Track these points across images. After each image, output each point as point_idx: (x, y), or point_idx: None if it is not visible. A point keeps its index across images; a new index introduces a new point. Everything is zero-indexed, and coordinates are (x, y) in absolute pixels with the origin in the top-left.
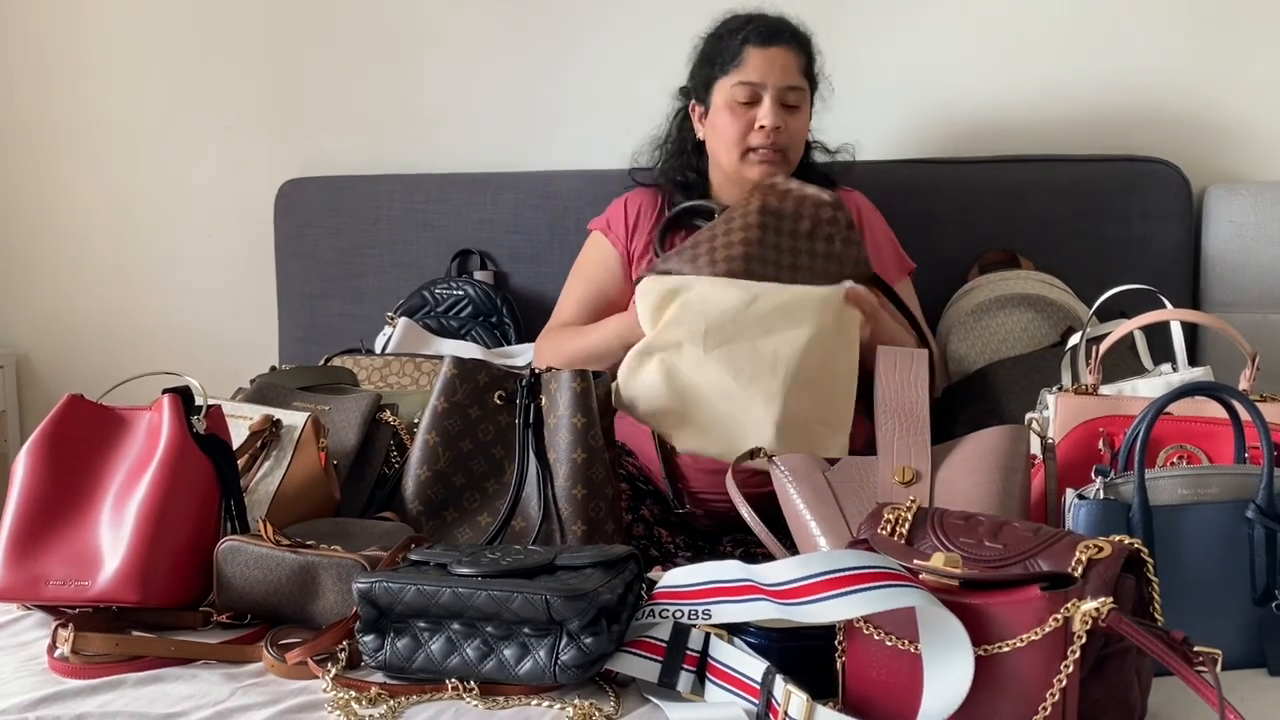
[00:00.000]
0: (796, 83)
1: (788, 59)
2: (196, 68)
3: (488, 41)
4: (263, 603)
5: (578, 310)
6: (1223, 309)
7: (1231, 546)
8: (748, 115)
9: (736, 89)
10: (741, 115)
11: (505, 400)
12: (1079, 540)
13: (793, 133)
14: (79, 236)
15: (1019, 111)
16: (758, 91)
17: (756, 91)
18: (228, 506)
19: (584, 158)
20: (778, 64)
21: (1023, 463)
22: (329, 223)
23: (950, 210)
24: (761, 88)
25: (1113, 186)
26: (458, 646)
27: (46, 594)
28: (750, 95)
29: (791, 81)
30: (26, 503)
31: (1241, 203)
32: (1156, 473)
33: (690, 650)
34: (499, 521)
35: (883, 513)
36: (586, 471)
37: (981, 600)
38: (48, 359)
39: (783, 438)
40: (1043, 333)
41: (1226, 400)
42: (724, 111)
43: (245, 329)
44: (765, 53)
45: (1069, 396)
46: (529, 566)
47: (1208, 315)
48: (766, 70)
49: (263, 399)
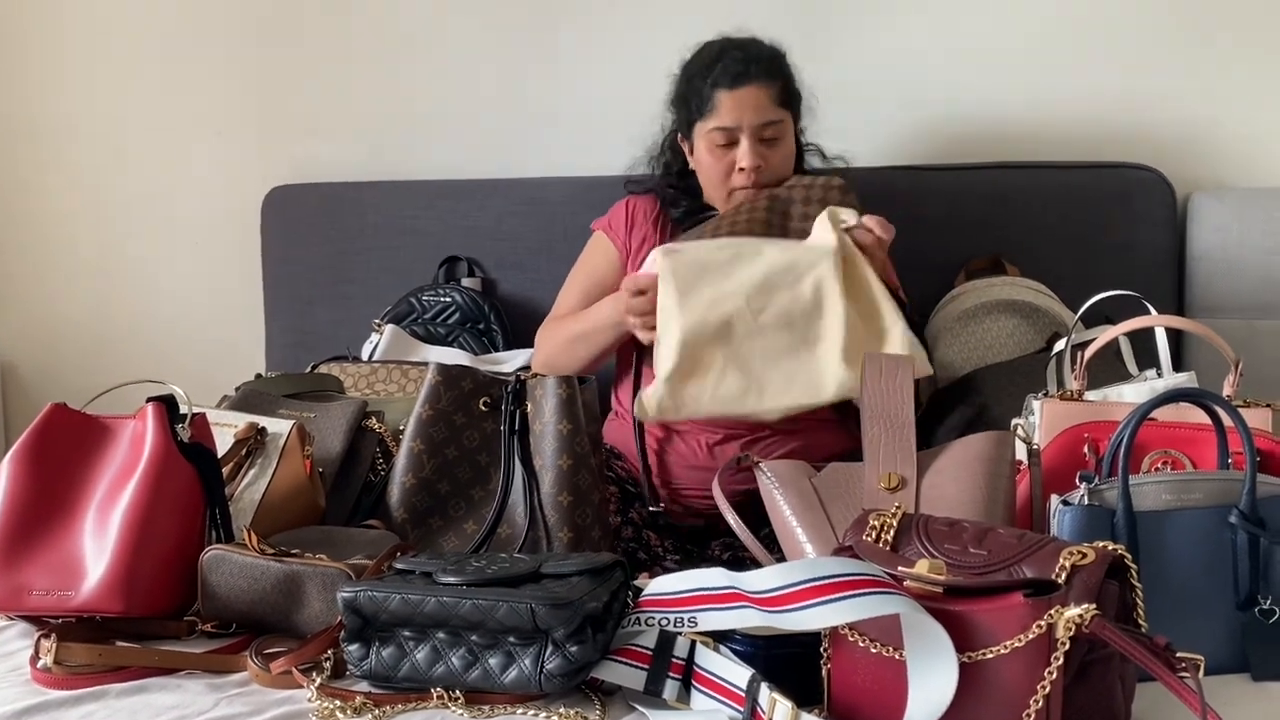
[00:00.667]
0: (772, 117)
1: (759, 96)
2: (185, 73)
3: (476, 48)
4: (247, 612)
5: (577, 301)
6: (1208, 314)
7: (1215, 552)
8: (727, 158)
9: (713, 134)
10: (721, 158)
11: (490, 407)
12: (1063, 546)
13: (775, 166)
14: (65, 243)
15: (1005, 118)
16: (734, 134)
17: (732, 135)
18: (212, 515)
19: (572, 164)
20: (749, 104)
21: (1008, 469)
22: (317, 229)
23: (937, 216)
24: (737, 130)
25: (1098, 193)
26: (443, 655)
27: (30, 604)
28: (727, 139)
29: (766, 118)
30: (9, 512)
31: (1226, 209)
32: (1140, 479)
33: (676, 658)
34: (485, 529)
35: (868, 519)
36: (573, 478)
37: (965, 607)
38: (33, 367)
39: (853, 363)
40: (1029, 338)
41: (1209, 406)
42: (705, 155)
43: (232, 335)
44: (735, 95)
45: (1054, 402)
46: (514, 575)
47: (1191, 321)
48: (739, 113)
49: (248, 407)
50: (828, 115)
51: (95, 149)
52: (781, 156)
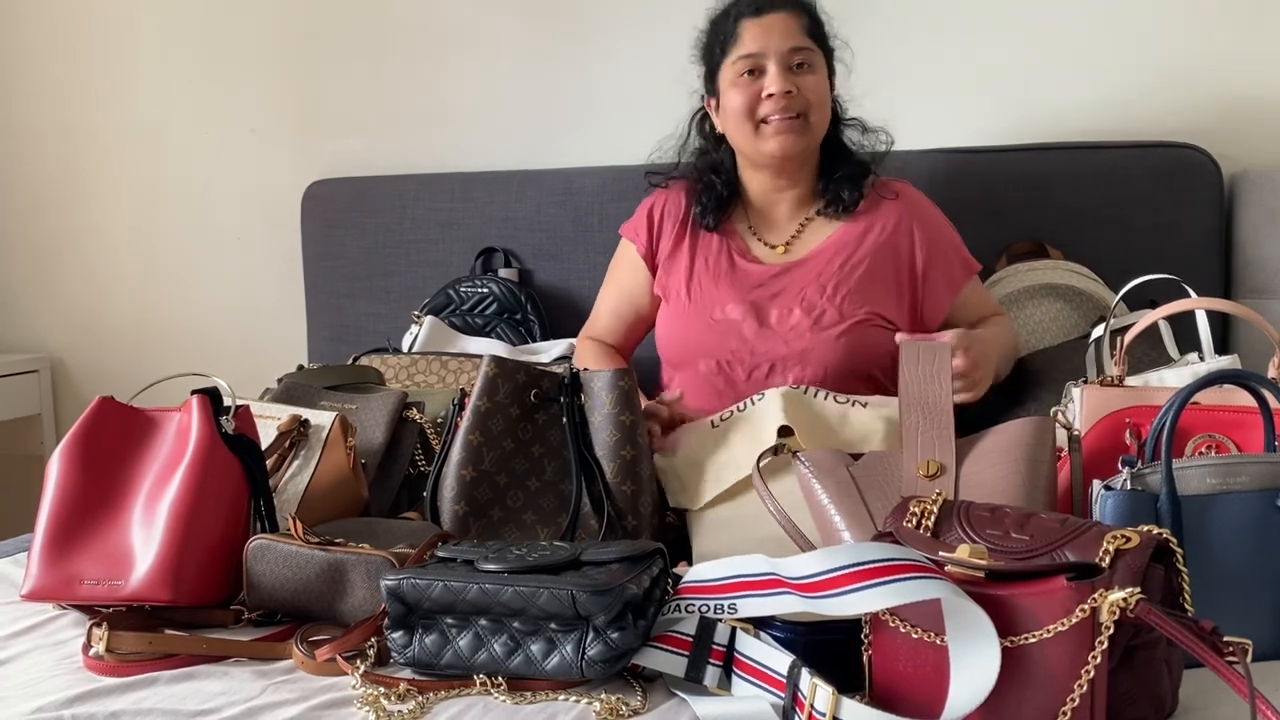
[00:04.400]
0: (800, 43)
1: (786, 23)
2: (220, 72)
3: (509, 40)
4: (292, 600)
5: (609, 317)
6: (1254, 295)
7: (1262, 536)
8: (754, 87)
9: (738, 64)
10: (747, 88)
11: (541, 399)
12: (1106, 531)
13: (808, 93)
14: (108, 241)
15: (1044, 99)
16: (760, 62)
17: (759, 62)
18: (257, 506)
19: (606, 155)
20: (775, 30)
21: (1048, 454)
22: (355, 223)
23: (977, 199)
24: (762, 57)
25: (1142, 173)
26: (485, 642)
27: (81, 593)
28: (753, 66)
29: (795, 43)
30: (60, 504)
31: (1273, 187)
32: (1184, 462)
33: (716, 644)
34: (570, 518)
35: (908, 506)
36: (635, 468)
37: (1007, 591)
38: (80, 362)
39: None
40: (1072, 322)
41: (1255, 388)
42: (730, 90)
43: (274, 329)
44: (760, 21)
45: (1094, 389)
46: (555, 562)
47: (1233, 304)
48: (765, 39)
49: (290, 399)
50: (863, 99)
51: (137, 150)
52: (815, 89)
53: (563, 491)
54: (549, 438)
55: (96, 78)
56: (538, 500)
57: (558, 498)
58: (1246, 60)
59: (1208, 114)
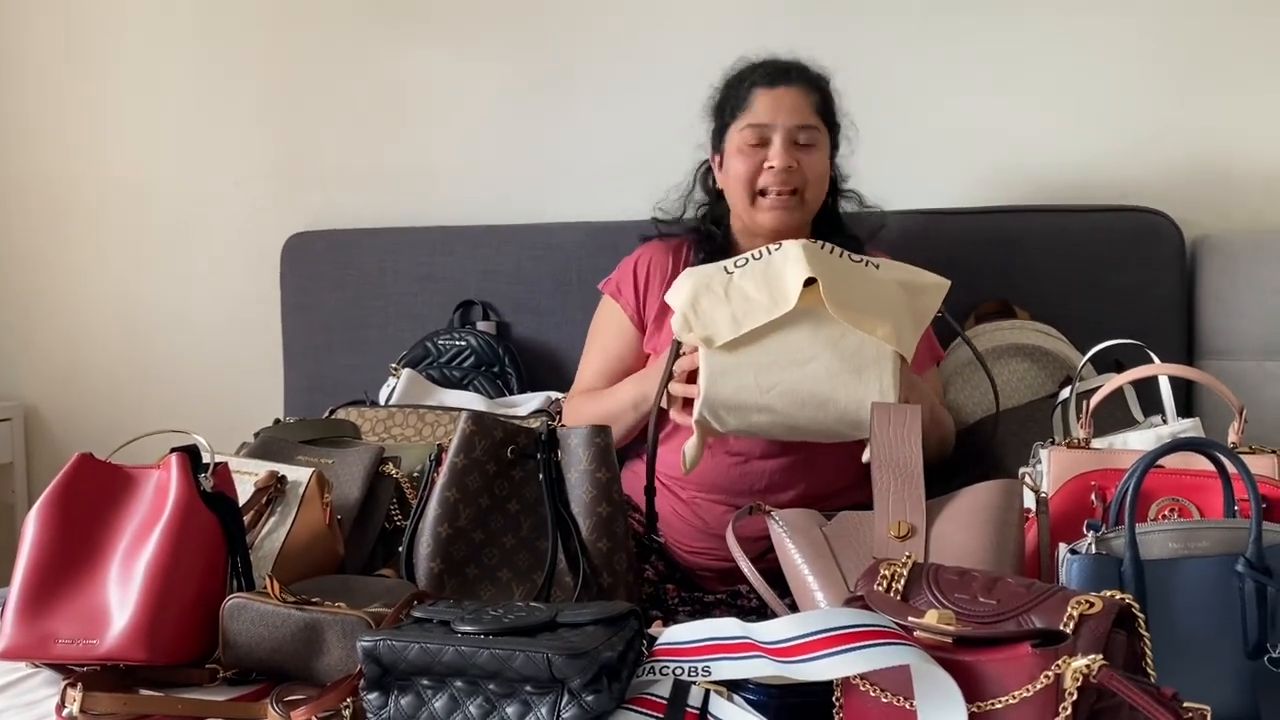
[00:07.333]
0: (808, 121)
1: (797, 99)
2: (205, 123)
3: (490, 97)
4: (268, 659)
5: (597, 379)
6: (1217, 356)
7: (1223, 600)
8: (757, 157)
9: (746, 132)
10: (751, 157)
11: (516, 454)
12: (1071, 596)
13: (807, 171)
14: (86, 289)
15: (1013, 163)
16: (766, 133)
17: (765, 133)
18: (234, 564)
19: (586, 210)
20: (785, 104)
21: (1016, 517)
22: (334, 275)
23: (946, 260)
24: (770, 129)
25: (1107, 236)
26: (460, 704)
27: (55, 652)
28: (759, 137)
29: (802, 120)
30: (36, 561)
31: (1232, 252)
32: (1147, 527)
33: (690, 707)
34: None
35: (879, 569)
36: (610, 525)
37: (974, 657)
38: (55, 411)
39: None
40: (1039, 382)
41: (1214, 455)
42: (735, 156)
43: (252, 380)
44: (773, 93)
45: (1061, 450)
46: (530, 624)
47: (1196, 370)
48: (774, 111)
49: (267, 454)
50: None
51: (118, 198)
52: (814, 168)
53: (538, 548)
54: (525, 494)
55: (76, 127)
56: (513, 557)
57: (533, 555)
58: (1208, 129)
59: (1171, 180)
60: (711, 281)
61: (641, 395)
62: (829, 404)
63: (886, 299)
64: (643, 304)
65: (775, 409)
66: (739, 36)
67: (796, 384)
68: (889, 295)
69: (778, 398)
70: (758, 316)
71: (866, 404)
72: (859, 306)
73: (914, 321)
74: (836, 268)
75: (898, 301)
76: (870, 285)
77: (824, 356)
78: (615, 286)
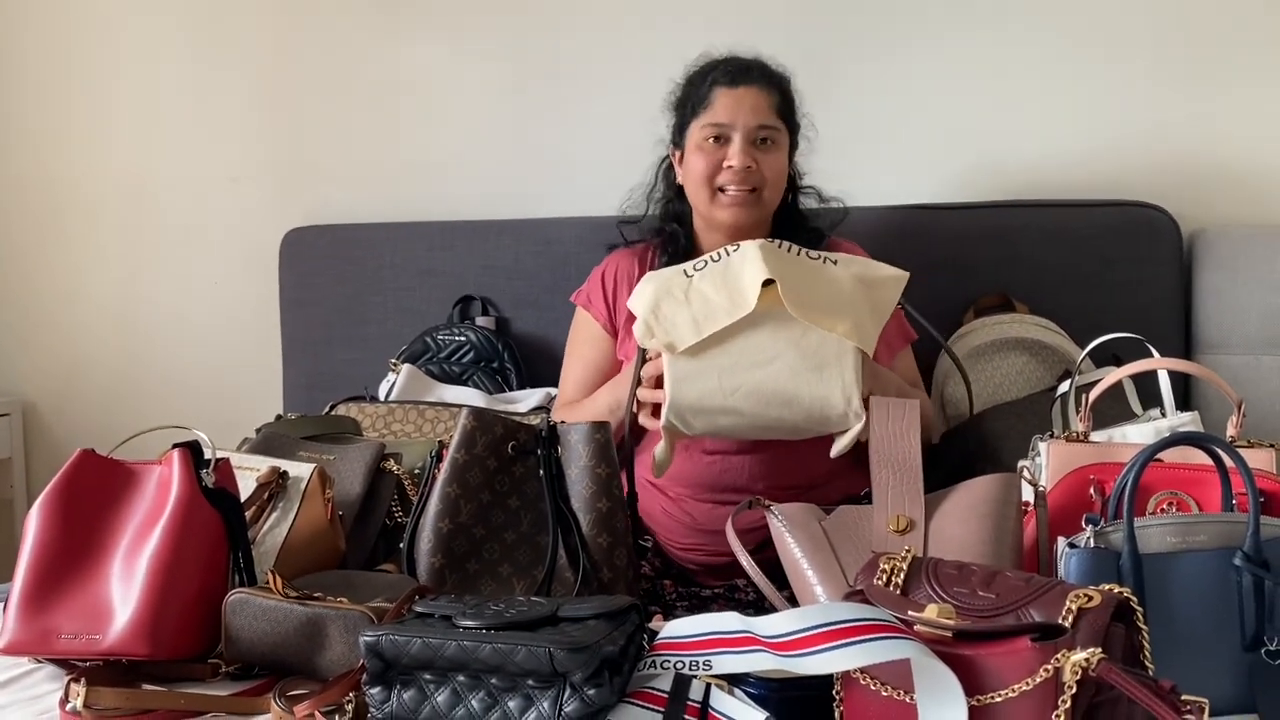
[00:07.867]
0: (767, 121)
1: (758, 98)
2: (202, 120)
3: (489, 91)
4: (270, 654)
5: (578, 390)
6: (1214, 350)
7: (1221, 593)
8: (717, 155)
9: (706, 129)
10: (710, 155)
11: (517, 450)
12: (1069, 589)
13: (766, 170)
14: (85, 285)
15: (1011, 158)
16: (726, 132)
17: (725, 132)
18: (236, 559)
19: (584, 205)
20: (746, 104)
21: (1015, 511)
22: (333, 271)
23: (943, 256)
24: (730, 128)
25: (1105, 231)
26: (463, 698)
27: (58, 647)
28: (719, 134)
29: (762, 120)
30: (39, 557)
31: (1229, 246)
32: (1145, 521)
33: (691, 701)
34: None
35: (879, 563)
36: (610, 520)
37: (974, 651)
38: (53, 406)
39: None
40: (1038, 376)
41: (1212, 449)
42: (695, 153)
43: (251, 376)
44: (733, 93)
45: (1060, 444)
46: (532, 618)
47: (1194, 364)
48: (735, 110)
49: (268, 449)
50: (831, 155)
51: (116, 195)
52: (773, 167)
53: (539, 544)
54: (525, 490)
55: (74, 124)
56: (514, 553)
57: (534, 550)
58: (1205, 123)
59: (1169, 174)
60: (672, 286)
61: (616, 401)
62: (793, 402)
63: (845, 295)
64: (613, 312)
65: (741, 410)
66: (738, 34)
67: (760, 384)
68: (848, 291)
69: (743, 399)
70: (719, 319)
71: (830, 400)
72: (818, 305)
73: (874, 316)
74: (794, 267)
75: (856, 297)
76: (828, 282)
77: (786, 356)
78: (586, 297)
